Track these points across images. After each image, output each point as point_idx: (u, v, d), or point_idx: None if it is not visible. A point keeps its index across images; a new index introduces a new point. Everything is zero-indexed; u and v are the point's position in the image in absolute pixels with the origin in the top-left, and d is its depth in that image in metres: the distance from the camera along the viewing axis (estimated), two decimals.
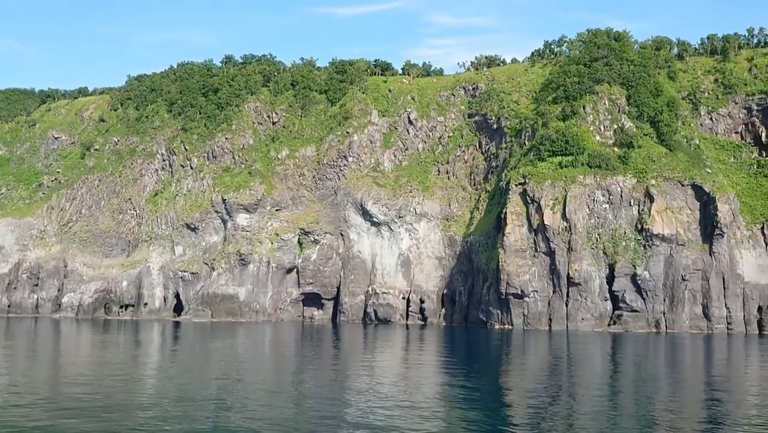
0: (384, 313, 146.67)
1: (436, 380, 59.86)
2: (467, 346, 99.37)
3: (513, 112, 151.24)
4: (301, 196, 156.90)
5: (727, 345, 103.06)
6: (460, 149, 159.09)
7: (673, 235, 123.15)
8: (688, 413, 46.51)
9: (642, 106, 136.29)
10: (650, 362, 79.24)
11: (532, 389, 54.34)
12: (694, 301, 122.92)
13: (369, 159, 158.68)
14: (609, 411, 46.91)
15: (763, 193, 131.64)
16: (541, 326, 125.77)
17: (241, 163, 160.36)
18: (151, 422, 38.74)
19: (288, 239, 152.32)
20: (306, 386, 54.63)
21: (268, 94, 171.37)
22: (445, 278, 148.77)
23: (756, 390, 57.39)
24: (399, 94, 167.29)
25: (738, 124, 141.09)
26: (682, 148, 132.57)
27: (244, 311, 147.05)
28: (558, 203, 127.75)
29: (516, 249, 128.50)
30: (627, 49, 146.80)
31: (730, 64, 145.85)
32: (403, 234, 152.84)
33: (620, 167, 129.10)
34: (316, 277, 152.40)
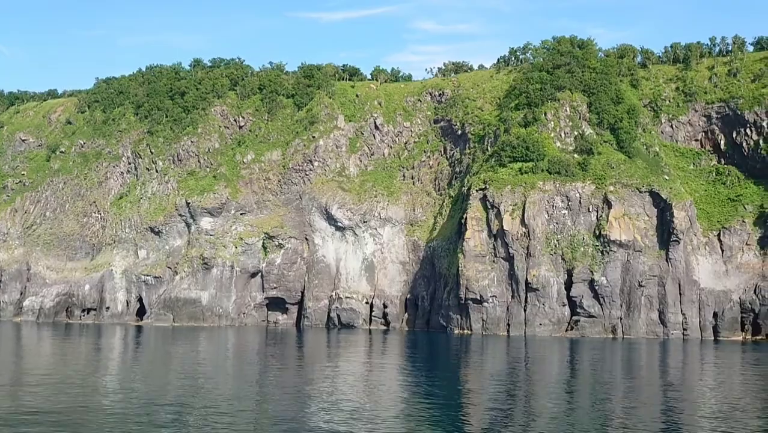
0: (347, 317, 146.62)
1: (394, 386, 60.02)
2: (425, 351, 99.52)
3: (477, 118, 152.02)
4: (266, 200, 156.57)
5: (682, 351, 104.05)
6: (426, 155, 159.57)
7: (630, 241, 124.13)
8: (643, 417, 47.16)
9: (602, 114, 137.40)
10: (607, 367, 79.93)
11: (490, 396, 54.75)
12: (650, 307, 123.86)
13: (334, 164, 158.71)
14: (566, 415, 47.57)
15: (721, 201, 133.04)
16: (499, 331, 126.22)
17: (207, 167, 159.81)
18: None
19: (252, 243, 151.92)
20: (268, 393, 54.31)
21: (235, 97, 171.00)
22: (408, 282, 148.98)
23: (711, 395, 58.09)
24: (366, 99, 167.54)
25: (698, 131, 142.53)
26: (641, 155, 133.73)
27: (207, 315, 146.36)
28: (517, 209, 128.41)
29: (475, 254, 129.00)
30: (590, 57, 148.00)
31: (692, 73, 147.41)
32: (367, 239, 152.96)
33: (579, 174, 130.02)
34: (280, 281, 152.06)
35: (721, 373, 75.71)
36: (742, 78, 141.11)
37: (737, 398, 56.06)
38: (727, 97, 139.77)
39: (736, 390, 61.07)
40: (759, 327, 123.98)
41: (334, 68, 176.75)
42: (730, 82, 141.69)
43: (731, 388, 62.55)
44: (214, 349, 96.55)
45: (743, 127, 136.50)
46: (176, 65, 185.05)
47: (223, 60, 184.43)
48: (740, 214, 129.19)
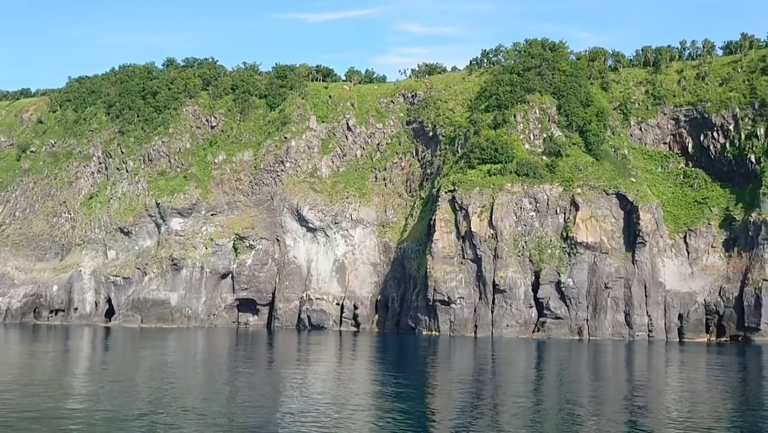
0: (317, 319, 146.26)
1: (358, 389, 59.51)
2: (390, 353, 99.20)
3: (448, 120, 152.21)
4: (237, 201, 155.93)
5: (647, 352, 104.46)
6: (398, 156, 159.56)
7: (596, 243, 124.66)
8: (609, 418, 47.30)
9: (571, 116, 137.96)
10: (573, 368, 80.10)
11: (457, 399, 54.47)
12: (616, 308, 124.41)
13: (306, 165, 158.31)
14: (532, 416, 47.57)
15: (687, 203, 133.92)
16: (467, 333, 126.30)
17: (177, 167, 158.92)
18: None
19: (223, 244, 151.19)
20: (237, 396, 53.57)
21: (208, 98, 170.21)
22: (379, 284, 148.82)
23: (676, 397, 58.22)
24: (339, 100, 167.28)
25: (666, 134, 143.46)
26: (609, 158, 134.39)
27: (176, 316, 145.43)
28: (485, 211, 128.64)
29: (444, 256, 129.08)
30: (560, 60, 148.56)
31: (661, 76, 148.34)
32: (338, 240, 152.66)
33: (547, 176, 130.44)
34: (251, 282, 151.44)
35: (686, 375, 76.07)
36: (710, 82, 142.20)
37: (702, 399, 56.46)
38: (695, 100, 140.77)
39: (701, 392, 61.45)
40: (723, 329, 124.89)
41: (307, 69, 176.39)
42: (699, 85, 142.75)
43: (696, 390, 62.90)
44: (183, 351, 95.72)
45: (710, 131, 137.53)
46: (149, 65, 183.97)
47: (196, 60, 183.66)
48: (706, 217, 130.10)
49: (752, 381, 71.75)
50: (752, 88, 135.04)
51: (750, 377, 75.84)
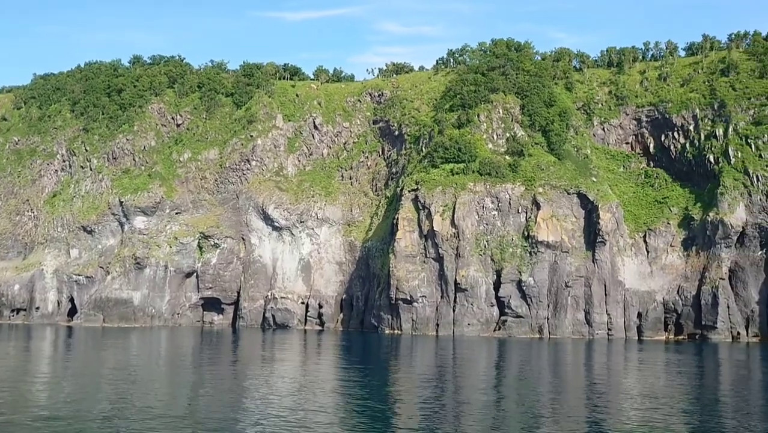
0: (282, 318, 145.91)
1: (321, 388, 59.35)
2: (355, 352, 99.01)
3: (413, 119, 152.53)
4: (202, 199, 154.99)
5: (607, 351, 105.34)
6: (364, 155, 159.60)
7: (557, 242, 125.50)
8: (568, 416, 47.70)
9: (534, 116, 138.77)
10: (534, 366, 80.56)
11: (417, 398, 54.46)
12: (576, 307, 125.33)
13: (272, 163, 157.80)
14: (492, 414, 47.84)
15: (648, 203, 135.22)
16: (428, 331, 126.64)
17: (142, 165, 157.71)
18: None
19: (187, 243, 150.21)
20: (199, 398, 53.04)
21: (174, 95, 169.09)
22: (344, 283, 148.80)
23: (634, 394, 58.70)
24: (306, 99, 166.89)
25: (628, 134, 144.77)
26: (571, 158, 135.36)
27: (138, 315, 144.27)
28: (448, 210, 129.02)
29: (406, 255, 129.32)
30: (524, 60, 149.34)
31: (624, 77, 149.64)
32: (304, 239, 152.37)
33: (510, 175, 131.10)
34: (215, 281, 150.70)
35: (645, 373, 76.84)
36: (672, 83, 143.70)
37: (660, 396, 57.02)
38: (656, 101, 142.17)
39: (659, 389, 62.14)
40: (681, 327, 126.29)
41: (274, 68, 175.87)
42: (660, 86, 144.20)
43: (654, 387, 63.56)
44: (147, 351, 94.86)
45: (671, 131, 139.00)
46: (115, 62, 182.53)
47: (163, 57, 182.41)
48: (666, 217, 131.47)
49: (709, 379, 72.73)
50: (712, 90, 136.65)
51: (706, 374, 76.83)
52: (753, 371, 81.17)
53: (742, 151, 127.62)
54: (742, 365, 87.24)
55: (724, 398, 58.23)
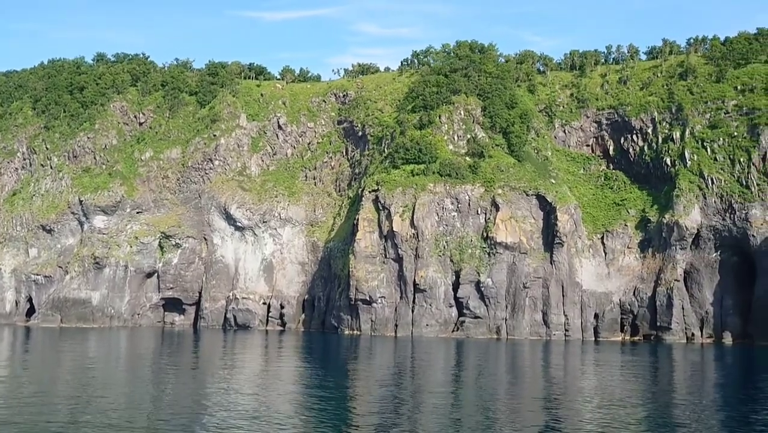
0: (243, 318, 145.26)
1: (279, 389, 58.92)
2: (314, 353, 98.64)
3: (377, 120, 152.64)
4: (163, 198, 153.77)
5: (564, 352, 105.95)
6: (328, 155, 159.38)
7: (515, 243, 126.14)
8: (525, 415, 48.03)
9: (495, 118, 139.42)
10: (491, 367, 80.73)
11: (376, 396, 54.37)
12: (534, 308, 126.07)
13: (235, 163, 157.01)
14: (451, 414, 47.84)
15: (607, 205, 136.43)
16: (387, 332, 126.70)
17: (103, 164, 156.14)
18: None
19: (148, 243, 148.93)
20: (158, 400, 52.09)
21: (137, 94, 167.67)
22: (307, 283, 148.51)
23: (591, 394, 59.12)
24: (271, 98, 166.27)
25: (589, 137, 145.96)
26: (531, 159, 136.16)
27: (97, 316, 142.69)
28: (408, 210, 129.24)
29: (366, 255, 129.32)
30: (487, 62, 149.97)
31: (586, 80, 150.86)
32: (267, 239, 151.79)
33: (470, 176, 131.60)
34: (177, 282, 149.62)
35: (601, 373, 77.51)
36: (632, 86, 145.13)
37: (616, 396, 57.59)
38: (616, 104, 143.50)
39: (616, 389, 62.68)
40: (637, 328, 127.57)
41: (239, 67, 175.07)
42: (620, 89, 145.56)
43: (610, 387, 64.15)
44: (105, 352, 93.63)
45: (630, 134, 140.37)
46: (78, 59, 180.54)
47: (127, 55, 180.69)
48: (623, 218, 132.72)
49: (663, 379, 73.50)
50: (670, 93, 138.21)
51: (661, 375, 77.67)
52: (706, 372, 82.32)
53: (698, 155, 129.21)
54: (696, 366, 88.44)
55: (678, 398, 58.83)
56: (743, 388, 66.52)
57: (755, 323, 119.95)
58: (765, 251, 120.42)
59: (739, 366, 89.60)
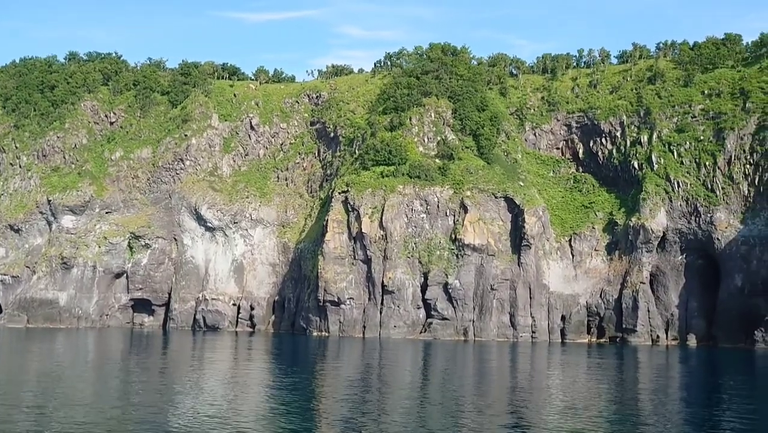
0: (212, 320, 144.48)
1: (246, 391, 58.46)
2: (281, 355, 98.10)
3: (349, 121, 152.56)
4: (133, 199, 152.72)
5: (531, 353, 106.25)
6: (300, 156, 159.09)
7: (483, 245, 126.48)
8: (492, 416, 48.00)
9: (465, 120, 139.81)
10: (458, 369, 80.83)
11: (344, 401, 53.97)
12: (501, 310, 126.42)
13: (207, 163, 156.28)
14: (417, 416, 47.76)
15: (575, 207, 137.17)
16: (355, 333, 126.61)
17: (72, 164, 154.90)
18: None
19: (117, 243, 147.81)
20: (126, 403, 51.25)
21: (108, 93, 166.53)
22: (277, 284, 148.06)
23: (557, 396, 59.34)
24: (243, 99, 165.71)
25: (559, 140, 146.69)
26: (500, 162, 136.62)
27: (64, 316, 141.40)
28: (377, 212, 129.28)
29: (335, 256, 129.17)
30: (458, 64, 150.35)
31: (557, 83, 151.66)
32: (237, 240, 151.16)
33: (439, 178, 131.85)
34: (146, 282, 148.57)
35: (568, 374, 77.85)
36: (602, 90, 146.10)
37: (582, 398, 57.97)
38: (586, 107, 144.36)
39: (582, 390, 63.08)
40: (603, 330, 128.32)
41: (212, 67, 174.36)
42: (591, 93, 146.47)
43: (577, 388, 64.57)
44: (72, 353, 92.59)
45: (599, 137, 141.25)
46: (50, 58, 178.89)
47: (99, 54, 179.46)
48: (591, 221, 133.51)
49: (629, 380, 74.15)
50: (639, 97, 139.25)
51: (626, 376, 78.30)
52: (670, 373, 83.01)
53: (665, 158, 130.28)
54: (662, 367, 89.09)
55: (642, 400, 59.25)
56: (706, 390, 67.25)
57: (719, 325, 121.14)
58: (729, 254, 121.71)
59: (703, 368, 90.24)
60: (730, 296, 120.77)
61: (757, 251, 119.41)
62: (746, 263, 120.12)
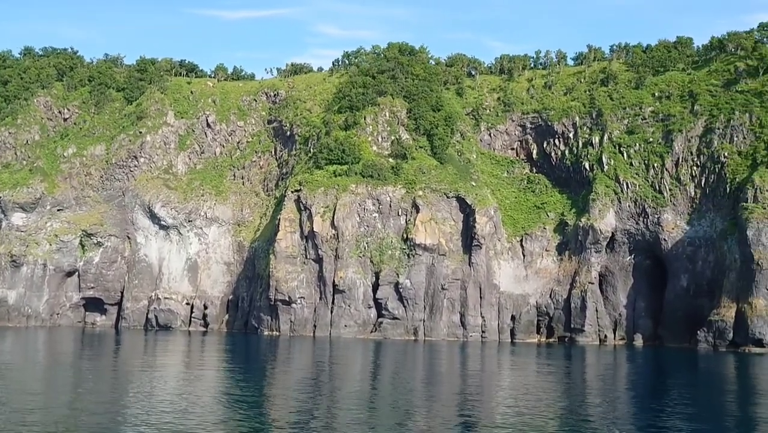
0: (165, 319, 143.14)
1: (193, 392, 57.59)
2: (233, 354, 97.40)
3: (305, 120, 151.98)
4: (86, 196, 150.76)
5: (480, 353, 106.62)
6: (257, 155, 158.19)
7: (435, 245, 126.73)
8: (441, 416, 48.09)
9: (420, 120, 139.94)
10: (408, 368, 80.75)
11: (293, 401, 53.55)
12: (452, 309, 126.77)
13: (161, 161, 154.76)
14: (367, 415, 47.63)
15: (528, 208, 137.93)
16: (306, 333, 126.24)
17: (24, 160, 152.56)
18: None
19: (68, 241, 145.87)
20: (74, 404, 50.18)
21: (62, 89, 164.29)
22: (232, 283, 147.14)
23: (506, 394, 59.73)
24: (201, 96, 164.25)
25: (514, 140, 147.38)
26: (453, 162, 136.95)
27: (13, 315, 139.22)
28: (329, 211, 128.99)
29: (287, 255, 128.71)
30: (415, 64, 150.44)
31: (513, 84, 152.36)
32: (192, 238, 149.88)
33: (392, 178, 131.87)
34: (98, 281, 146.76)
35: (517, 374, 78.21)
36: (556, 91, 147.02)
37: (531, 396, 58.30)
38: (540, 108, 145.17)
39: (531, 389, 63.39)
40: (552, 330, 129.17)
41: (170, 63, 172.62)
42: (545, 94, 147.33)
43: (526, 387, 64.92)
44: (20, 353, 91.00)
45: (553, 138, 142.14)
46: (5, 52, 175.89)
47: (55, 49, 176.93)
48: (543, 222, 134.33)
49: (576, 379, 74.95)
50: (592, 99, 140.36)
51: (573, 376, 79.03)
52: (618, 372, 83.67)
53: (615, 159, 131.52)
54: (609, 366, 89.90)
55: (589, 398, 60.04)
56: (649, 390, 67.84)
57: (665, 326, 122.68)
58: (675, 255, 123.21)
59: (646, 369, 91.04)
60: (675, 297, 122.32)
61: (703, 252, 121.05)
62: (692, 264, 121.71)
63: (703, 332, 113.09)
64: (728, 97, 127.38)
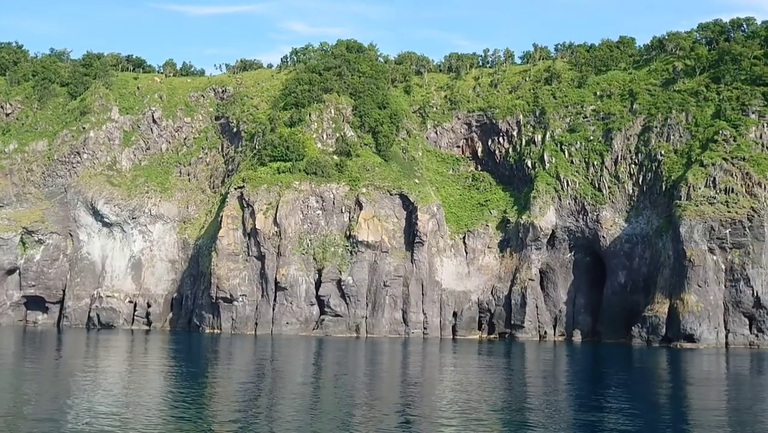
0: (107, 317, 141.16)
1: (132, 394, 56.08)
2: (173, 353, 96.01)
3: (251, 116, 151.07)
4: (27, 193, 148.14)
5: (422, 350, 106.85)
6: (203, 151, 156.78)
7: (377, 242, 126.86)
8: (383, 414, 47.59)
9: (365, 117, 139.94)
10: (350, 366, 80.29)
11: (234, 400, 52.74)
12: (394, 306, 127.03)
13: (105, 157, 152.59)
14: (307, 413, 47.19)
15: (472, 205, 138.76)
16: (247, 330, 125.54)
17: None
18: None
19: (9, 238, 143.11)
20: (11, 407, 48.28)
21: (5, 83, 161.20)
22: (176, 281, 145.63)
23: (448, 391, 59.47)
24: (147, 92, 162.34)
25: (459, 138, 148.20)
26: (397, 159, 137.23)
27: None
28: (271, 208, 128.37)
29: (229, 253, 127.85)
30: (361, 62, 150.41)
31: (460, 82, 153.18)
32: (136, 236, 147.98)
33: (335, 175, 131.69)
34: (39, 279, 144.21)
35: (458, 370, 78.32)
36: (502, 89, 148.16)
37: (472, 392, 58.37)
38: (486, 106, 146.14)
39: (473, 385, 63.45)
40: (494, 326, 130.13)
41: (116, 58, 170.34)
42: (491, 92, 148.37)
43: (467, 383, 64.98)
44: None
45: (497, 136, 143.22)
46: None
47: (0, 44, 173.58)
48: (485, 219, 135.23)
49: (516, 375, 75.53)
50: (536, 97, 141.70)
51: (514, 371, 79.64)
52: (558, 368, 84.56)
53: (556, 157, 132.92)
54: (548, 362, 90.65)
55: (529, 391, 60.65)
56: (589, 383, 68.95)
57: (603, 322, 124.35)
58: (614, 252, 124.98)
59: (589, 363, 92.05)
60: (613, 293, 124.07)
61: (639, 249, 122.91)
62: (629, 261, 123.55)
63: (638, 328, 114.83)
64: (666, 96, 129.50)
